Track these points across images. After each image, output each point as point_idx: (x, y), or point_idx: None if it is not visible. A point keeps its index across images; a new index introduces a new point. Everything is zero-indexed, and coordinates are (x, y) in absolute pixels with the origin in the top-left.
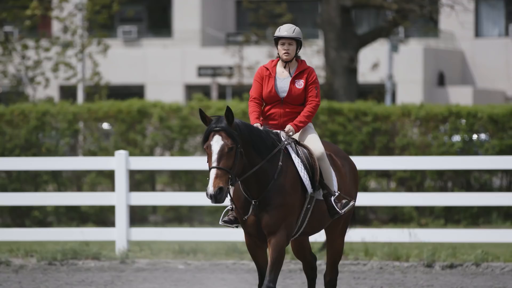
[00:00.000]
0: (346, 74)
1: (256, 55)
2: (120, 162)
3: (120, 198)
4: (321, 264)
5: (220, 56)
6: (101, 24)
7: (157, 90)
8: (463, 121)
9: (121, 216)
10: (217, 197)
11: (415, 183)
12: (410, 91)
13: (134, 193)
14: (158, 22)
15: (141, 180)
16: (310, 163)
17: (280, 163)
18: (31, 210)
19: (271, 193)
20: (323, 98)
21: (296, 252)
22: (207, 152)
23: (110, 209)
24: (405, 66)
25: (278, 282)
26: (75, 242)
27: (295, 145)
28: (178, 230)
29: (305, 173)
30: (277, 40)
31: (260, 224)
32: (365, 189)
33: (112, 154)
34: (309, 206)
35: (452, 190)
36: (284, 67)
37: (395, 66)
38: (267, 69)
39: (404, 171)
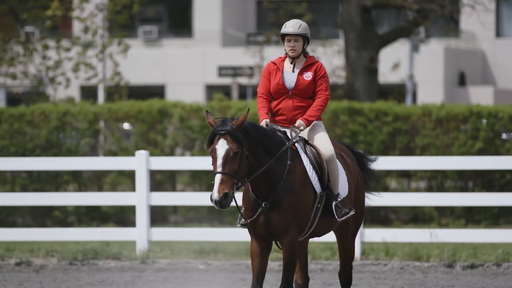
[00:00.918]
0: (367, 74)
1: (277, 55)
2: (140, 162)
3: (140, 198)
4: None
5: (241, 56)
6: (122, 24)
7: (178, 90)
8: (484, 121)
9: (142, 216)
10: (222, 202)
11: (435, 183)
12: (430, 91)
13: (154, 193)
14: (179, 22)
15: (161, 180)
16: (319, 163)
17: (288, 161)
18: (52, 210)
19: (281, 193)
20: (343, 98)
21: None
22: (212, 155)
23: (131, 209)
24: (426, 66)
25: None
26: (95, 242)
27: (304, 144)
28: (198, 230)
29: (314, 172)
30: (284, 36)
31: (270, 224)
32: (386, 189)
33: (132, 154)
34: (319, 205)
35: (473, 190)
36: (291, 63)
37: (416, 66)
38: (275, 64)
39: (425, 171)
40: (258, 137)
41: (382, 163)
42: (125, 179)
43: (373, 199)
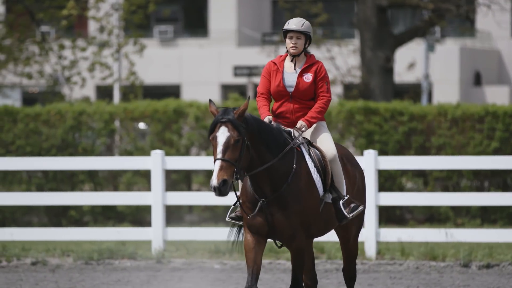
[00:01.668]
0: (382, 74)
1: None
2: (156, 162)
3: (156, 197)
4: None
5: (256, 56)
6: (137, 24)
7: (193, 90)
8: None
9: (157, 216)
10: (221, 189)
11: (451, 183)
12: (446, 91)
13: (170, 193)
14: (194, 22)
15: (177, 180)
16: (323, 165)
17: (294, 165)
18: (68, 210)
19: (287, 197)
20: (359, 98)
21: None
22: (213, 143)
23: (146, 209)
24: (442, 66)
25: None
26: (111, 241)
27: (308, 146)
28: (214, 229)
29: (318, 175)
30: (286, 33)
31: (273, 226)
32: (401, 189)
33: (148, 154)
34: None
35: (488, 190)
36: (292, 61)
37: (431, 66)
38: (275, 63)
39: (440, 171)
40: (260, 130)
41: (397, 163)
42: (141, 179)
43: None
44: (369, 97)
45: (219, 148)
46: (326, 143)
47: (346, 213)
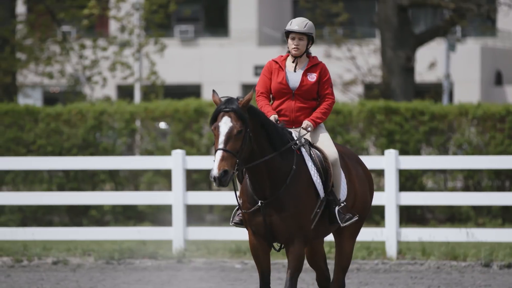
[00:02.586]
0: (403, 73)
1: (313, 54)
2: (177, 162)
3: (177, 197)
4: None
5: (277, 55)
6: (158, 24)
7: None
8: None
9: (178, 216)
10: (221, 179)
11: (472, 182)
12: (467, 90)
13: (191, 193)
14: (215, 21)
15: (197, 180)
16: (324, 167)
17: (294, 166)
18: (89, 209)
19: (286, 200)
20: (380, 98)
21: (310, 259)
22: (214, 133)
23: (167, 209)
24: (462, 65)
25: None
26: (132, 241)
27: (309, 147)
28: (234, 229)
29: (318, 177)
30: (288, 34)
31: (272, 229)
32: (422, 188)
33: (169, 154)
34: (318, 210)
35: (509, 190)
36: (293, 62)
37: (452, 65)
38: (277, 62)
39: (461, 170)
40: (263, 123)
41: (418, 162)
42: (162, 179)
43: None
44: (390, 97)
45: (221, 138)
46: (328, 146)
47: (339, 220)
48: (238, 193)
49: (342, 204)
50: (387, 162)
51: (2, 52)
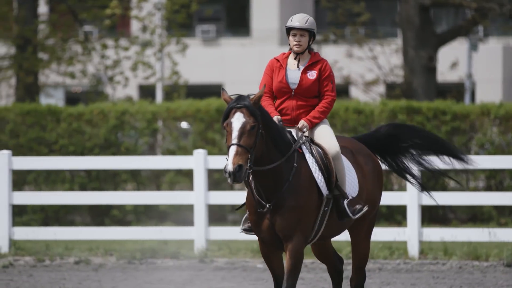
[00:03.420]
0: (425, 73)
1: (334, 54)
2: (198, 161)
3: (199, 197)
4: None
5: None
6: (180, 24)
7: (236, 89)
8: None
9: (200, 215)
10: (236, 175)
11: (494, 182)
12: (489, 90)
13: (212, 192)
14: (237, 21)
15: (219, 179)
16: (325, 163)
17: (295, 163)
18: (111, 209)
19: (285, 196)
20: (402, 97)
21: (318, 254)
22: (227, 130)
23: (189, 208)
24: (485, 65)
25: None
26: (154, 241)
27: (310, 144)
28: None
29: (320, 174)
30: (289, 30)
31: (274, 228)
32: (444, 188)
33: (190, 153)
34: (326, 208)
35: None
36: (295, 59)
37: (474, 65)
38: (278, 60)
39: (483, 170)
40: (269, 124)
41: (440, 162)
42: (183, 178)
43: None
44: (411, 97)
45: (235, 133)
46: (328, 140)
47: (350, 213)
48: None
49: (350, 197)
50: None
51: (24, 52)
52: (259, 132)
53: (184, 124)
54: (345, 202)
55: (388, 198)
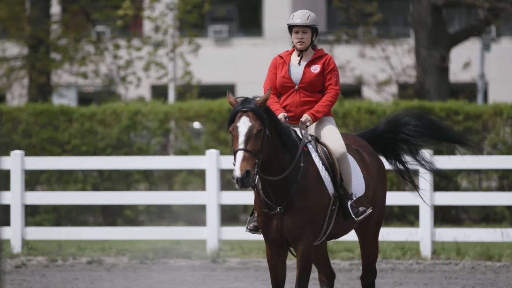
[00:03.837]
0: (438, 73)
1: (347, 54)
2: (211, 161)
3: (211, 197)
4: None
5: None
6: (192, 24)
7: (248, 89)
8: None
9: (212, 215)
10: (243, 180)
11: (507, 182)
12: (502, 90)
13: (225, 192)
14: (249, 21)
15: (232, 179)
16: (331, 163)
17: (301, 163)
18: (123, 209)
19: (294, 197)
20: (414, 98)
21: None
22: (233, 133)
23: (201, 208)
24: (497, 65)
25: None
26: (166, 241)
27: (315, 143)
28: None
29: (326, 173)
30: (291, 28)
31: (283, 229)
32: (457, 188)
33: (203, 153)
34: (333, 207)
35: None
36: (299, 56)
37: (487, 65)
38: (281, 57)
39: (496, 170)
40: (276, 125)
41: (452, 162)
42: (196, 178)
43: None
44: (424, 97)
45: (241, 138)
46: (334, 140)
47: (353, 215)
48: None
49: (354, 198)
50: None
51: (37, 52)
52: (265, 135)
53: (196, 124)
54: (349, 203)
55: (400, 198)
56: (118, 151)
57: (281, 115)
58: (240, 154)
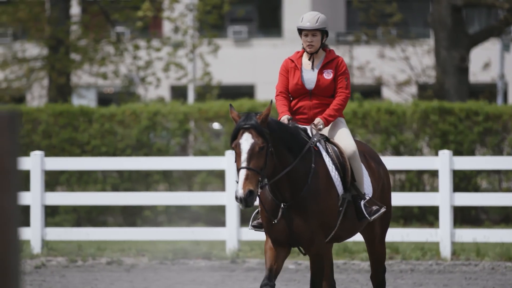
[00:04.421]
0: (457, 74)
1: (367, 55)
2: (230, 162)
3: (230, 198)
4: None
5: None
6: (212, 24)
7: (267, 90)
8: None
9: (232, 216)
10: (247, 200)
11: None
12: None
13: None
14: (268, 22)
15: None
16: (341, 162)
17: (312, 164)
18: (143, 210)
19: (306, 199)
20: (434, 98)
21: None
22: (236, 151)
23: (221, 209)
24: None
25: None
26: (185, 241)
27: (325, 143)
28: None
29: (336, 173)
30: (300, 31)
31: (292, 231)
32: (477, 189)
33: (222, 154)
34: (341, 208)
35: None
36: (309, 59)
37: (507, 66)
38: (292, 61)
39: None
40: (281, 133)
41: (472, 163)
42: (215, 179)
43: (465, 199)
44: (444, 97)
45: (243, 156)
46: (345, 139)
47: (366, 214)
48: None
49: (367, 198)
50: (441, 162)
51: (56, 53)
52: (268, 151)
53: (216, 125)
54: (362, 202)
55: (420, 199)
56: (137, 151)
57: (284, 117)
58: (242, 173)
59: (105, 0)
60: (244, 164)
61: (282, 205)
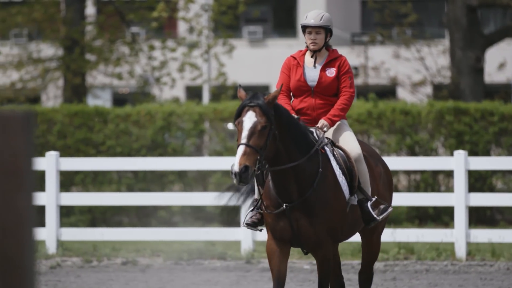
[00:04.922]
0: (472, 74)
1: (381, 55)
2: None
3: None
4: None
5: (345, 56)
6: (227, 25)
7: None
8: None
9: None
10: (241, 175)
11: None
12: None
13: None
14: (283, 22)
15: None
16: (348, 166)
17: (320, 168)
18: (157, 210)
19: (314, 204)
20: (449, 98)
21: None
22: (238, 128)
23: (236, 209)
24: None
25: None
26: (200, 242)
27: (332, 147)
28: None
29: (343, 178)
30: (304, 28)
31: (299, 233)
32: (492, 189)
33: None
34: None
35: None
36: (312, 57)
37: None
38: (295, 58)
39: None
40: (289, 123)
41: (487, 163)
42: (230, 179)
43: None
44: (459, 98)
45: (244, 133)
46: (350, 143)
47: (375, 216)
48: (256, 195)
49: (373, 199)
50: (456, 163)
51: (72, 54)
52: (271, 132)
53: (230, 125)
54: (369, 204)
55: (435, 199)
56: (152, 152)
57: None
58: (241, 149)
59: (120, 1)
60: (243, 141)
61: (284, 206)
